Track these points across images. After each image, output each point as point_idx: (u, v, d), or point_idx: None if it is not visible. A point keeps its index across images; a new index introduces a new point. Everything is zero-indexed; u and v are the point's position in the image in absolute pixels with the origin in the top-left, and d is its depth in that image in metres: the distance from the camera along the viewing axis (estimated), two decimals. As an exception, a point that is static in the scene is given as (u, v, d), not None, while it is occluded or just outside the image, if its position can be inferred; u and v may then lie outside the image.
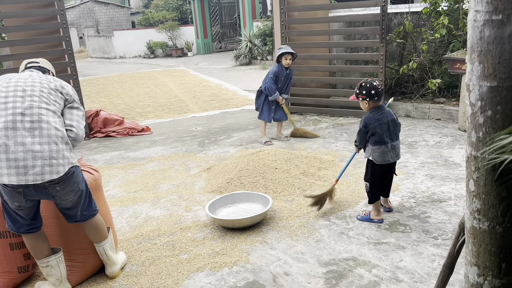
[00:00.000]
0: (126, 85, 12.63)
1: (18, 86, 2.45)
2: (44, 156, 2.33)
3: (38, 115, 2.39)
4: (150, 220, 3.64)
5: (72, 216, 2.64)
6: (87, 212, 2.68)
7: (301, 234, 3.21)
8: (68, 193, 2.48)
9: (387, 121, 3.18)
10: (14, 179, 2.28)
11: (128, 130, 6.53)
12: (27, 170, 2.30)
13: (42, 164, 2.32)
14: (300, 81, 7.15)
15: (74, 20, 28.46)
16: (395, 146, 3.23)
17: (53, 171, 2.36)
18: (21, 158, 2.29)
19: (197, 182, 4.40)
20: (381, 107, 3.21)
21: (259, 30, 15.31)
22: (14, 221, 2.52)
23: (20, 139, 2.32)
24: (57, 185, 2.40)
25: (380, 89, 3.17)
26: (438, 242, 2.99)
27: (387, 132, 3.17)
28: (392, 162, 3.27)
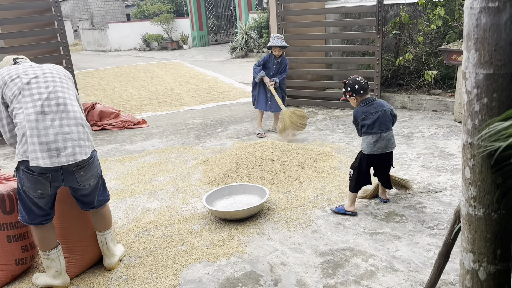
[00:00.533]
0: (121, 78, 12.57)
1: (37, 72, 2.52)
2: (73, 137, 2.42)
3: (62, 98, 2.48)
4: (147, 212, 3.64)
5: (89, 202, 2.70)
6: (102, 198, 2.77)
7: (298, 225, 3.23)
8: (89, 178, 2.55)
9: (376, 112, 3.22)
10: (48, 162, 2.33)
11: (124, 123, 6.52)
12: (59, 152, 2.36)
13: (73, 145, 2.40)
14: (296, 73, 7.14)
15: (69, 12, 28.22)
16: (385, 137, 3.23)
17: (83, 152, 2.45)
18: (52, 140, 2.36)
19: (194, 175, 4.40)
20: (368, 99, 3.27)
21: (255, 22, 15.25)
22: (29, 211, 2.52)
23: (49, 123, 2.39)
24: (82, 169, 2.47)
25: (363, 83, 3.23)
26: (433, 232, 3.01)
27: (376, 123, 3.20)
28: (381, 153, 3.26)
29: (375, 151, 3.24)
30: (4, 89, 2.44)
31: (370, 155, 3.26)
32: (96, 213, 2.78)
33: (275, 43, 5.33)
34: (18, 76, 2.47)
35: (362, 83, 3.23)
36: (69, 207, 2.77)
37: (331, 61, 7.14)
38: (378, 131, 3.21)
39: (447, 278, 2.48)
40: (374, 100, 3.27)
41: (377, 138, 3.22)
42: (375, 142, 3.22)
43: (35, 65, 2.61)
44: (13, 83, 2.44)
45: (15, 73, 2.49)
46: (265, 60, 5.49)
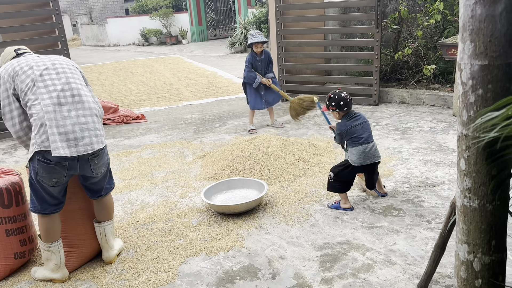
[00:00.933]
0: (120, 73, 12.55)
1: (46, 63, 2.55)
2: (89, 127, 2.48)
3: (76, 89, 2.53)
4: (146, 206, 3.65)
5: (97, 190, 2.76)
6: (109, 186, 2.84)
7: (296, 219, 3.23)
8: (101, 166, 2.62)
9: (360, 123, 3.27)
10: (67, 151, 2.39)
11: (123, 117, 6.51)
12: (77, 142, 2.42)
13: (90, 135, 2.47)
14: (295, 68, 7.13)
15: (67, 7, 28.08)
16: (372, 147, 3.26)
17: (99, 141, 2.53)
18: (70, 131, 2.42)
19: (192, 169, 4.41)
20: (352, 113, 3.32)
21: (254, 17, 15.19)
22: (42, 201, 2.55)
23: (66, 113, 2.44)
24: (96, 158, 2.54)
25: (348, 100, 3.27)
26: (431, 225, 3.02)
27: (363, 134, 3.25)
28: (370, 164, 3.27)
29: (365, 162, 3.25)
30: (16, 81, 2.48)
31: (359, 166, 3.27)
32: (101, 202, 2.81)
33: (256, 39, 5.24)
34: (30, 68, 2.50)
35: (346, 100, 3.26)
36: (67, 201, 2.77)
37: (330, 55, 7.12)
38: (365, 141, 3.24)
39: (444, 271, 2.49)
40: (357, 114, 3.34)
41: (366, 149, 3.24)
42: (364, 152, 3.24)
43: (42, 56, 2.64)
44: (25, 75, 2.48)
45: (26, 64, 2.52)
46: (249, 61, 5.40)
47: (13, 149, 5.57)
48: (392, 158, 4.29)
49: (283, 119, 6.07)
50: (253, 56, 5.40)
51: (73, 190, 2.74)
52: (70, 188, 2.71)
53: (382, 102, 6.46)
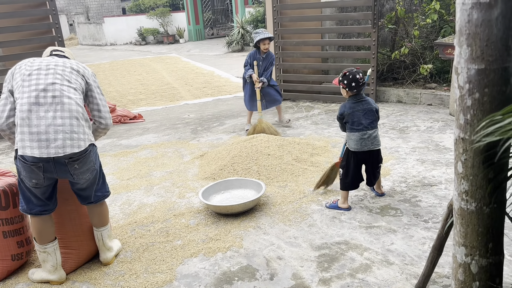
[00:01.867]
0: (117, 72, 12.52)
1: (42, 65, 2.55)
2: (65, 130, 2.42)
3: (60, 90, 2.49)
4: (143, 207, 3.65)
5: (86, 197, 2.71)
6: (101, 193, 2.77)
7: (294, 219, 3.24)
8: (84, 172, 2.54)
9: (363, 109, 3.23)
10: (37, 152, 2.35)
11: (120, 117, 6.50)
12: (49, 143, 2.38)
13: (64, 138, 2.40)
14: (293, 68, 7.13)
15: (64, 7, 27.97)
16: (371, 134, 3.24)
17: (74, 145, 2.44)
18: (43, 131, 2.38)
19: (190, 169, 4.41)
20: (358, 96, 3.27)
21: (251, 16, 15.20)
22: (28, 200, 2.55)
23: (42, 114, 2.41)
24: (76, 162, 2.47)
25: (361, 83, 3.23)
26: (428, 225, 3.04)
27: (363, 120, 3.22)
28: (368, 151, 3.26)
29: (362, 148, 3.25)
30: (11, 79, 2.53)
31: (357, 152, 3.27)
32: (93, 209, 2.79)
33: (264, 35, 5.13)
34: (25, 67, 2.52)
35: (359, 83, 3.22)
36: (63, 202, 2.77)
37: (327, 55, 7.13)
38: (365, 128, 3.23)
39: (442, 271, 2.50)
40: (364, 98, 3.28)
41: (363, 135, 3.23)
42: (361, 139, 3.24)
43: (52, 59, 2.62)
44: (19, 73, 2.51)
45: (25, 64, 2.55)
46: (250, 55, 5.33)
47: (10, 149, 5.55)
48: (389, 157, 4.30)
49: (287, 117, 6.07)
50: (256, 53, 5.33)
51: (70, 193, 2.73)
52: (67, 190, 2.71)
53: (379, 101, 6.47)
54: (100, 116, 2.72)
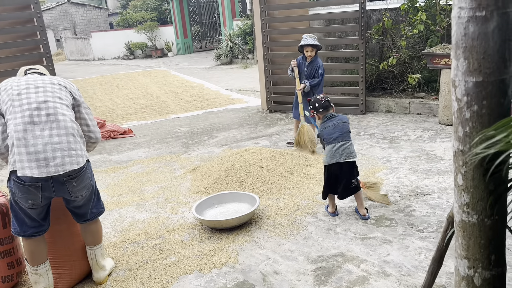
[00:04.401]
0: (106, 87, 12.45)
1: (30, 84, 2.51)
2: (63, 147, 2.39)
3: (53, 108, 2.45)
4: (136, 223, 3.59)
5: (82, 214, 2.66)
6: (96, 210, 2.73)
7: (289, 232, 3.22)
8: (81, 189, 2.51)
9: (333, 124, 3.36)
10: (36, 171, 2.31)
11: (110, 133, 6.44)
12: (48, 162, 2.34)
13: (62, 155, 2.37)
14: (282, 79, 7.16)
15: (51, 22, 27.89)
16: (341, 146, 3.28)
17: (73, 162, 2.42)
18: (41, 150, 2.34)
19: (182, 184, 4.37)
20: (328, 115, 3.43)
21: (239, 29, 15.29)
22: (22, 223, 2.49)
23: (38, 132, 2.37)
24: (74, 180, 2.43)
25: (323, 101, 3.44)
26: (423, 235, 3.04)
27: (333, 133, 3.31)
28: (338, 163, 3.27)
29: (331, 161, 3.30)
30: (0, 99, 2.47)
31: (329, 165, 3.33)
32: (88, 227, 2.73)
33: (305, 42, 4.95)
34: (11, 87, 2.47)
35: (322, 102, 3.44)
36: (55, 221, 2.71)
37: (316, 66, 7.16)
38: (334, 140, 3.30)
39: (439, 281, 2.49)
40: (334, 115, 3.43)
41: (333, 147, 3.29)
42: (330, 151, 3.29)
43: (38, 77, 2.59)
44: (6, 94, 2.46)
45: (10, 84, 2.50)
46: (297, 60, 5.16)
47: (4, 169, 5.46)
48: (382, 167, 4.31)
49: (272, 130, 6.08)
50: (303, 58, 5.15)
51: (63, 211, 2.68)
52: (59, 209, 2.66)
53: (368, 112, 6.52)
54: (89, 131, 2.69)
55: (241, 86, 10.70)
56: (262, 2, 6.75)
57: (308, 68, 5.11)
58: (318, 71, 5.05)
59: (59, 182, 2.39)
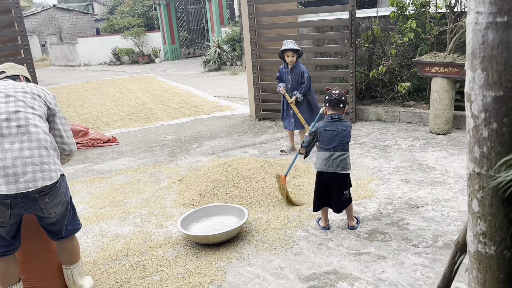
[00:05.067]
0: (91, 93, 12.21)
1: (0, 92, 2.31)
2: (34, 161, 2.20)
3: (25, 119, 2.26)
4: (117, 238, 3.41)
5: (57, 232, 2.47)
6: (72, 227, 2.54)
7: (279, 248, 3.07)
8: (56, 205, 2.32)
9: (336, 130, 3.16)
10: (4, 188, 2.11)
11: (93, 141, 6.24)
12: (17, 178, 2.14)
13: (33, 170, 2.18)
14: (271, 87, 7.04)
15: (36, 27, 27.50)
16: (338, 156, 3.14)
17: (46, 177, 2.22)
18: (10, 165, 2.14)
19: (168, 195, 4.20)
20: (333, 116, 3.21)
21: (227, 35, 15.19)
22: None
23: (7, 146, 2.18)
24: (47, 196, 2.24)
25: (333, 98, 3.19)
26: (418, 250, 2.92)
27: (333, 141, 3.15)
28: (332, 172, 3.15)
29: (325, 169, 3.16)
30: None
31: (321, 172, 3.20)
32: (63, 245, 2.55)
33: (286, 47, 4.82)
34: None
35: (332, 97, 3.20)
36: (29, 239, 2.53)
37: (305, 74, 7.07)
38: (333, 149, 3.15)
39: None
40: (337, 118, 3.21)
41: (329, 156, 3.15)
42: (327, 159, 3.15)
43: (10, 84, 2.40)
44: None
45: None
46: (280, 71, 5.05)
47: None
48: (373, 178, 4.20)
49: (261, 138, 5.95)
50: (284, 66, 5.04)
51: (37, 228, 2.50)
52: (33, 225, 2.48)
53: (358, 120, 6.43)
54: (63, 142, 2.50)
55: (229, 93, 10.57)
56: (251, 9, 6.65)
57: (292, 75, 5.00)
58: (304, 76, 4.95)
59: (30, 198, 2.20)
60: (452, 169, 4.26)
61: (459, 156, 4.57)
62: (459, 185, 3.87)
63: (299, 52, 4.95)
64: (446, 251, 2.87)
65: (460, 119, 5.54)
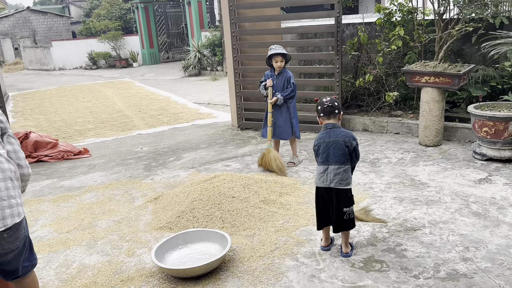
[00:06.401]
0: (64, 99, 11.70)
1: None
2: (2, 196, 1.88)
3: None
4: (84, 270, 3.03)
5: (12, 271, 2.11)
6: (29, 263, 2.18)
7: (266, 281, 2.75)
8: (14, 241, 1.99)
9: (330, 141, 2.89)
10: None
11: (63, 153, 5.81)
12: None
13: (1, 207, 1.87)
14: (254, 96, 6.74)
15: (9, 30, 26.61)
16: (333, 170, 2.85)
17: (14, 213, 1.93)
18: None
19: (142, 216, 3.83)
20: (328, 125, 2.94)
21: (208, 40, 14.86)
22: None
23: None
24: (6, 232, 1.92)
25: (326, 106, 2.92)
26: (420, 282, 2.64)
27: (325, 154, 2.89)
28: (328, 188, 2.88)
29: (321, 184, 2.91)
30: None
31: (317, 187, 2.96)
32: (20, 285, 2.18)
33: (275, 51, 4.61)
34: None
35: (325, 105, 2.93)
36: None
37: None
38: (325, 162, 2.88)
39: None
40: (332, 128, 2.93)
41: (323, 170, 2.89)
42: (321, 173, 2.91)
43: None
44: None
45: None
46: (266, 76, 4.82)
47: None
48: (365, 195, 3.93)
49: (244, 150, 5.63)
50: (271, 70, 4.80)
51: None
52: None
53: (345, 130, 6.18)
54: (20, 165, 2.14)
55: (209, 99, 10.24)
56: (232, 14, 6.34)
57: (278, 80, 4.75)
58: (290, 81, 4.72)
59: None
60: (446, 185, 4.02)
61: (452, 171, 4.35)
62: (455, 204, 3.63)
63: (287, 57, 4.72)
64: (450, 284, 2.60)
65: (450, 131, 5.34)
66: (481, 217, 3.38)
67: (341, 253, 2.99)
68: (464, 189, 3.91)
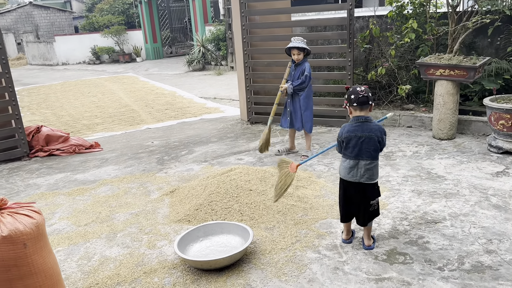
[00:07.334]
0: (70, 94, 11.66)
1: None
2: None
3: None
4: (106, 262, 3.02)
5: None
6: None
7: (290, 273, 2.74)
8: None
9: (360, 136, 2.81)
10: None
11: (75, 147, 5.79)
12: None
13: None
14: (264, 89, 6.72)
15: (11, 25, 26.49)
16: (363, 165, 2.82)
17: None
18: None
19: (159, 209, 3.82)
20: (360, 118, 2.85)
21: (212, 34, 14.79)
22: None
23: None
24: None
25: (360, 96, 2.80)
26: (445, 274, 2.63)
27: (356, 148, 2.82)
28: (354, 182, 2.86)
29: (349, 178, 2.87)
30: None
31: (344, 180, 2.92)
32: None
33: (292, 44, 4.67)
34: None
35: (359, 95, 2.80)
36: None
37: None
38: (357, 157, 2.83)
39: None
40: (365, 121, 2.85)
41: (353, 165, 2.84)
42: (351, 168, 2.85)
43: None
44: None
45: None
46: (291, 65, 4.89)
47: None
48: (382, 189, 3.89)
49: (255, 144, 5.60)
50: (292, 61, 4.85)
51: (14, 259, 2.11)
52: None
53: (356, 124, 6.15)
54: None
55: (215, 93, 10.20)
56: (243, 7, 6.30)
57: (295, 71, 4.85)
58: (304, 73, 4.77)
59: None
60: (464, 178, 4.01)
61: (468, 164, 4.33)
62: (474, 197, 3.61)
63: (306, 50, 4.74)
64: (476, 276, 2.59)
65: (464, 124, 5.31)
66: (502, 210, 3.37)
67: (364, 245, 2.98)
68: (482, 182, 3.90)
